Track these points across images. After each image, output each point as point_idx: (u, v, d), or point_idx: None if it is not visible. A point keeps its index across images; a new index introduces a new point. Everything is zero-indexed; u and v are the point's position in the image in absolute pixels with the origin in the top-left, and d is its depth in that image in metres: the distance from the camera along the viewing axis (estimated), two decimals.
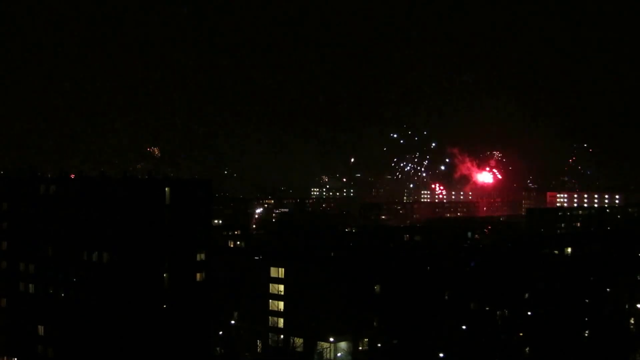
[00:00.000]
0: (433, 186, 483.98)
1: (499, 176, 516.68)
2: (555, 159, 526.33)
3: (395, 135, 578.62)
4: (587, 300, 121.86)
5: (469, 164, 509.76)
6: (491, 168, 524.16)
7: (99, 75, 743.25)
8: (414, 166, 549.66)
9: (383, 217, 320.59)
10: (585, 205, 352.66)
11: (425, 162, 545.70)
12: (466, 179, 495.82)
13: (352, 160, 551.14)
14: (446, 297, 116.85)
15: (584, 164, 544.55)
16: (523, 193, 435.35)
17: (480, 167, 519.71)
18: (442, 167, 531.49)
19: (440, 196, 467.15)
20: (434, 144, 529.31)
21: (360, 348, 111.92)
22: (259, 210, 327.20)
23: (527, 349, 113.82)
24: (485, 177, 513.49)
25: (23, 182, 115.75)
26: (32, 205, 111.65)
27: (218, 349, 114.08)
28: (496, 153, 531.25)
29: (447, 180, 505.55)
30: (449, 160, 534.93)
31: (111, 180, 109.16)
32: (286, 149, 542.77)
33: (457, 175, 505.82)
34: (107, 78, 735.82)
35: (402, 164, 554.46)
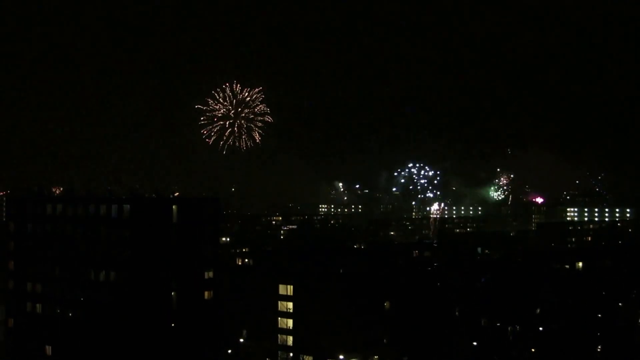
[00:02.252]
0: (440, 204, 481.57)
1: (508, 191, 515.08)
2: (566, 173, 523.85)
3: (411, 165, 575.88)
4: (599, 315, 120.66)
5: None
6: (500, 183, 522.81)
7: (105, 91, 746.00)
8: (421, 181, 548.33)
9: (392, 233, 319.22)
10: (596, 219, 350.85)
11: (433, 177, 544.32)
12: (471, 195, 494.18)
13: None
14: (457, 313, 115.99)
15: (594, 178, 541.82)
16: (533, 207, 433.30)
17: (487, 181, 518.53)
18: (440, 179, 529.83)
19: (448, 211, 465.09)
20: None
21: None
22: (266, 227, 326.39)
23: None
24: (493, 192, 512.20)
25: (30, 202, 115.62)
26: (39, 225, 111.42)
27: None
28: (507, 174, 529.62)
29: (454, 195, 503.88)
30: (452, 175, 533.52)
31: (118, 198, 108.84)
32: (293, 166, 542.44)
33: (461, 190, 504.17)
34: (112, 92, 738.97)
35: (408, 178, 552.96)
